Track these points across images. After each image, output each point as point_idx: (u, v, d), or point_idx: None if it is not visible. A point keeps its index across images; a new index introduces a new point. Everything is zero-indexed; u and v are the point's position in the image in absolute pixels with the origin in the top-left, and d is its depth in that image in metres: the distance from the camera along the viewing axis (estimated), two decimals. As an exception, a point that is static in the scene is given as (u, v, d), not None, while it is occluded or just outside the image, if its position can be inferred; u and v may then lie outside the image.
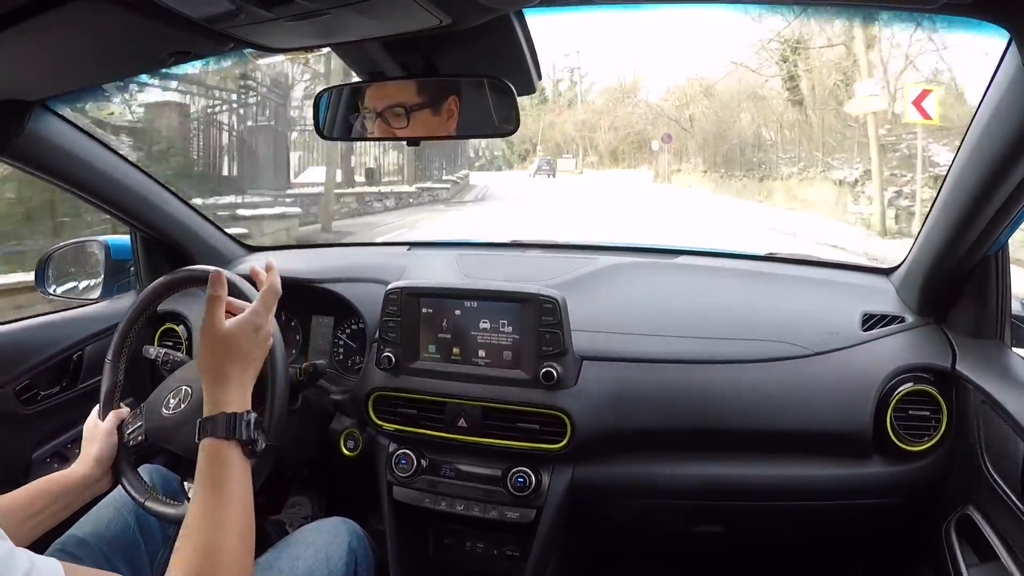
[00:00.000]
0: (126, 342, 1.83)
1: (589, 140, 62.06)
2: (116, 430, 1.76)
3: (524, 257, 2.70)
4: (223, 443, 1.36)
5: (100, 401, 1.80)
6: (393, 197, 25.13)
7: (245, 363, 1.46)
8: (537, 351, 2.00)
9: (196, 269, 1.77)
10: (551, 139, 62.84)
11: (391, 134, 1.75)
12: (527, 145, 63.63)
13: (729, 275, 2.44)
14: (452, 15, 1.33)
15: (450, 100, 1.68)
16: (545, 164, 53.16)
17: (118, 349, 1.82)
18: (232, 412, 1.39)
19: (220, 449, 1.36)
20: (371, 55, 1.63)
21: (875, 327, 2.07)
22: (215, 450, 1.36)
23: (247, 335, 1.47)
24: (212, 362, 1.44)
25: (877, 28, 18.05)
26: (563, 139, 63.17)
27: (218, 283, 1.50)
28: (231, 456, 1.36)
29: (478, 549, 2.27)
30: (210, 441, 1.37)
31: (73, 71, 1.70)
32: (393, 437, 2.17)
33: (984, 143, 1.55)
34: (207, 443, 1.37)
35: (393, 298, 2.12)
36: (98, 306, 2.57)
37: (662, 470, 2.05)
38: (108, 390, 1.81)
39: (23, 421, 2.19)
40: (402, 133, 1.74)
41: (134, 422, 1.79)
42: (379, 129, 1.74)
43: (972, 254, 1.84)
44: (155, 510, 1.70)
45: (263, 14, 1.25)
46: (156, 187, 2.46)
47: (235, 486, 1.35)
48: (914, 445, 1.92)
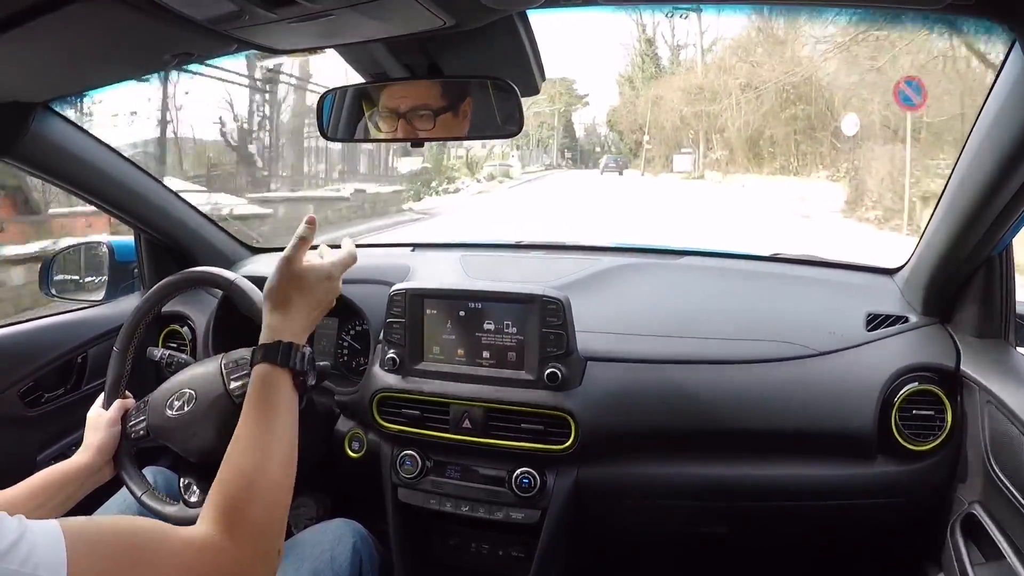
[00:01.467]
0: (136, 332, 1.84)
1: (711, 124, 40.47)
2: (119, 420, 1.78)
3: (528, 258, 2.70)
4: (276, 369, 1.36)
5: (105, 390, 1.82)
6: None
7: (310, 303, 1.48)
8: (541, 352, 2.00)
9: (214, 271, 1.78)
10: (660, 124, 47.85)
11: (413, 135, 1.74)
12: (637, 135, 53.31)
13: (733, 275, 2.44)
14: (456, 16, 1.33)
15: (467, 102, 1.68)
16: (612, 162, 52.11)
17: (127, 339, 1.83)
18: (289, 342, 1.39)
19: (272, 375, 1.36)
20: (375, 56, 1.64)
21: (879, 327, 2.07)
22: (268, 375, 1.36)
23: (319, 279, 1.49)
24: (280, 291, 1.46)
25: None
26: (679, 123, 45.09)
27: (311, 225, 1.51)
28: (282, 384, 1.37)
29: (483, 550, 2.27)
30: (263, 366, 1.37)
31: (76, 73, 1.70)
32: (398, 438, 2.17)
33: (988, 143, 1.55)
34: (260, 368, 1.37)
35: (397, 299, 2.12)
36: (102, 308, 2.57)
37: (667, 470, 2.05)
38: (114, 380, 1.82)
39: (28, 423, 2.19)
40: (425, 135, 1.74)
41: (137, 415, 1.79)
42: (402, 130, 1.74)
43: (976, 254, 1.84)
44: (151, 506, 1.71)
45: (266, 15, 1.25)
46: (160, 189, 2.46)
47: (283, 414, 1.35)
48: (919, 445, 1.92)
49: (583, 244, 2.94)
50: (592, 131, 70.28)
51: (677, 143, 47.07)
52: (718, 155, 41.47)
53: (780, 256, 2.63)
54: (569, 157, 68.55)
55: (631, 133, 56.01)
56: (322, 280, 1.49)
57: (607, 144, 65.55)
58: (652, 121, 49.60)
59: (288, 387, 1.38)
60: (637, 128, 53.38)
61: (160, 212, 2.49)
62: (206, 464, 1.69)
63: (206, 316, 2.50)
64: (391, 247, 2.95)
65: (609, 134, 65.12)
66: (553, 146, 66.79)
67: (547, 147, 66.12)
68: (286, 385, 1.37)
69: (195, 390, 1.74)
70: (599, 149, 65.62)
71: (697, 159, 44.40)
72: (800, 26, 32.68)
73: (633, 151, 56.08)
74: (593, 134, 70.39)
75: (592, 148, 68.15)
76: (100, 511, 1.83)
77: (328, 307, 1.53)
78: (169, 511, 1.69)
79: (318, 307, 1.50)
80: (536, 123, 61.65)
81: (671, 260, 2.56)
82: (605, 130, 66.87)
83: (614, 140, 63.33)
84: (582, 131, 70.78)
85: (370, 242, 3.54)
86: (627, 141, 57.97)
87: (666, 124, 46.97)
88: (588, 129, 70.54)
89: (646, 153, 50.70)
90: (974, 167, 1.62)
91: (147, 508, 1.71)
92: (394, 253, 2.81)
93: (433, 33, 1.40)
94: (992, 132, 1.53)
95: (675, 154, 46.50)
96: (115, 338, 1.84)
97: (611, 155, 56.26)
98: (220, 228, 2.78)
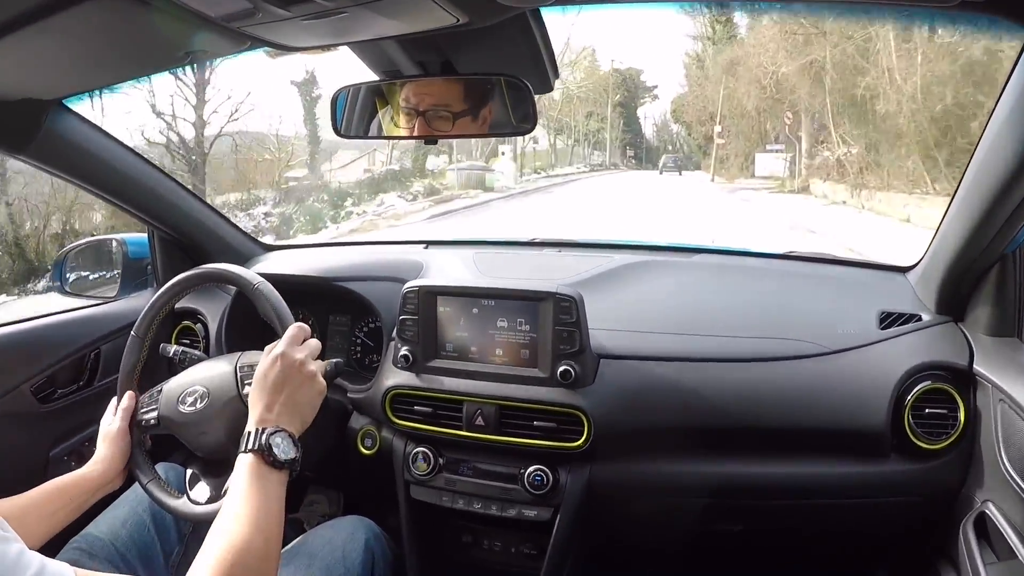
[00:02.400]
0: (155, 320, 1.86)
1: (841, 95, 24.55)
2: (128, 431, 1.79)
3: (541, 255, 2.70)
4: (252, 457, 1.40)
5: (120, 377, 1.84)
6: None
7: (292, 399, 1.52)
8: (555, 349, 2.00)
9: (239, 273, 1.79)
10: (738, 107, 34.27)
11: (428, 133, 1.75)
12: (708, 127, 40.87)
13: (746, 273, 2.44)
14: (469, 14, 1.33)
15: (488, 108, 1.69)
16: (671, 162, 47.09)
17: (146, 326, 1.85)
18: (262, 428, 1.43)
19: (259, 463, 1.40)
20: (388, 54, 1.64)
21: (892, 325, 2.07)
22: (255, 463, 1.39)
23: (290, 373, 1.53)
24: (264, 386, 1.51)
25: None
26: (769, 96, 30.21)
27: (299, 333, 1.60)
28: (258, 468, 1.39)
29: (496, 547, 2.28)
30: (250, 456, 1.40)
31: (90, 70, 1.70)
32: (410, 435, 2.17)
33: (1002, 140, 1.54)
34: (247, 457, 1.40)
35: (411, 297, 2.12)
36: (115, 304, 2.58)
37: (680, 468, 2.05)
38: (130, 366, 1.84)
39: (40, 419, 2.20)
40: (441, 135, 1.75)
41: (149, 404, 1.82)
42: (419, 128, 1.75)
43: (990, 252, 1.84)
44: (156, 495, 1.74)
45: (280, 13, 1.25)
46: (173, 186, 2.47)
47: (272, 500, 1.38)
48: (931, 443, 1.91)
49: (596, 241, 2.95)
50: (663, 127, 63.48)
51: (762, 136, 33.57)
52: (839, 154, 24.85)
53: (793, 254, 2.63)
54: (632, 156, 61.86)
55: (699, 125, 44.69)
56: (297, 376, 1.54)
57: (677, 141, 59.08)
58: (727, 101, 36.40)
59: (275, 473, 1.41)
60: (707, 118, 41.74)
61: (173, 209, 2.50)
62: (213, 460, 1.75)
63: (219, 313, 2.50)
64: (404, 244, 2.96)
65: (679, 129, 57.45)
66: (608, 143, 58.18)
67: (596, 142, 57.67)
68: (273, 472, 1.41)
69: (209, 389, 1.76)
70: (670, 148, 58.59)
71: (796, 158, 29.64)
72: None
73: (703, 147, 46.00)
74: (664, 130, 63.52)
75: (663, 145, 60.93)
76: (109, 510, 1.84)
77: (316, 399, 1.59)
78: (173, 503, 1.72)
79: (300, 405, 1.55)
80: (583, 113, 53.11)
81: (684, 258, 2.56)
82: (678, 126, 58.81)
83: (682, 135, 56.35)
84: (651, 128, 64.20)
85: (383, 239, 3.54)
86: (695, 135, 47.89)
87: (747, 105, 32.69)
88: (659, 126, 63.94)
89: (717, 150, 38.81)
90: (988, 164, 1.61)
91: (152, 497, 1.75)
92: (407, 250, 2.80)
93: (446, 31, 1.41)
94: (1006, 129, 1.52)
95: (758, 151, 33.38)
96: (127, 334, 1.85)
97: (669, 154, 51.25)
98: (233, 225, 2.78)
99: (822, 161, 26.95)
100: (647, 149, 62.37)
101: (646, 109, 63.44)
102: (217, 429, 1.74)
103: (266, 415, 1.46)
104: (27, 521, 1.52)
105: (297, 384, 1.53)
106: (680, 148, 55.41)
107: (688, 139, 52.37)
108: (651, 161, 56.92)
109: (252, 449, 1.40)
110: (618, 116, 59.44)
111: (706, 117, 42.14)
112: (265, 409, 1.46)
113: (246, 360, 1.79)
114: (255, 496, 1.35)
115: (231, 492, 1.36)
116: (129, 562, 1.75)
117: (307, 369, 1.55)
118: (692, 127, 47.60)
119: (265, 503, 1.35)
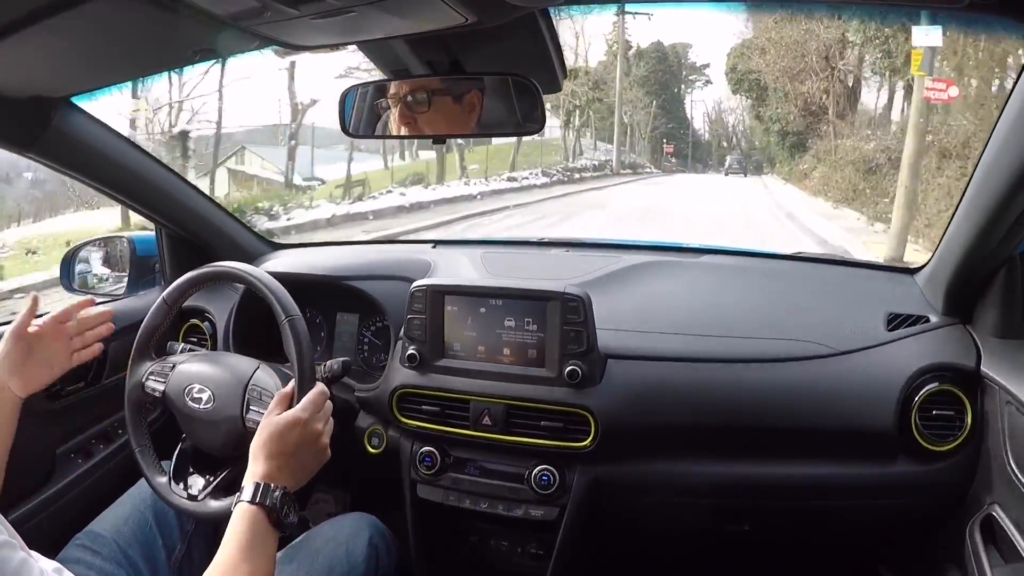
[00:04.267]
0: (189, 291, 1.88)
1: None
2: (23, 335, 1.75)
3: (548, 255, 2.71)
4: (258, 510, 1.39)
5: (139, 336, 1.87)
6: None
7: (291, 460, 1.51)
8: (562, 349, 2.00)
9: (256, 276, 1.78)
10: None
11: (412, 121, 1.75)
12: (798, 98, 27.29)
13: (754, 274, 2.44)
14: (478, 13, 1.33)
15: (472, 92, 1.68)
16: (736, 164, 41.03)
17: (179, 294, 1.87)
18: (268, 483, 1.42)
19: (254, 516, 1.38)
20: (397, 53, 1.64)
21: (900, 327, 2.07)
22: (260, 519, 1.38)
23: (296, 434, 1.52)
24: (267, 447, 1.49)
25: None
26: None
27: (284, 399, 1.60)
28: (262, 525, 1.38)
29: (502, 547, 2.28)
30: (256, 510, 1.39)
31: (98, 68, 1.71)
32: (417, 435, 2.17)
33: (1011, 142, 1.54)
34: (254, 510, 1.39)
35: (419, 296, 2.12)
36: (123, 302, 2.57)
37: (687, 468, 2.05)
38: (151, 329, 1.88)
39: (48, 416, 2.20)
40: (424, 120, 1.75)
41: (160, 375, 1.85)
42: (401, 117, 1.75)
43: (998, 254, 1.83)
44: (143, 466, 1.80)
45: (289, 12, 1.25)
46: (181, 183, 2.47)
47: (271, 561, 1.39)
48: (939, 445, 1.91)
49: (604, 241, 2.96)
50: (719, 121, 52.13)
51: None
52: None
53: (801, 255, 2.64)
54: (670, 153, 47.90)
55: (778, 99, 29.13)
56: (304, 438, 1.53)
57: (735, 137, 48.70)
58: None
59: (269, 528, 1.40)
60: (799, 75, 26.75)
61: (181, 207, 2.50)
62: (202, 454, 1.81)
63: (226, 311, 2.51)
64: (412, 243, 2.96)
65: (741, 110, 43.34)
66: (640, 135, 45.11)
67: (630, 133, 42.77)
68: (267, 526, 1.39)
69: (215, 396, 1.78)
70: (724, 144, 49.73)
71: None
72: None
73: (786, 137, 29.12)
74: (719, 124, 52.22)
75: (717, 141, 50.80)
76: (113, 507, 1.87)
77: (319, 463, 1.59)
78: (186, 504, 1.74)
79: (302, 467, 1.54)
80: (586, 85, 36.15)
81: (691, 258, 2.56)
82: (735, 117, 48.04)
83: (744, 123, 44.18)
84: (704, 120, 52.14)
85: (391, 238, 3.55)
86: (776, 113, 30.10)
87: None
88: (713, 118, 52.12)
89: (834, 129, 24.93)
90: (996, 165, 1.61)
91: (139, 467, 1.81)
92: (415, 249, 2.81)
93: (455, 30, 1.41)
94: (1015, 131, 1.52)
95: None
96: (135, 333, 1.87)
97: (734, 154, 43.87)
98: (241, 223, 2.79)
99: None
100: (694, 144, 51.17)
101: (698, 97, 53.68)
102: (213, 436, 1.78)
103: (276, 474, 1.45)
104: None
105: (310, 453, 1.54)
106: (739, 143, 46.73)
107: (757, 127, 36.33)
108: (701, 161, 48.65)
109: (261, 504, 1.39)
110: (646, 95, 45.49)
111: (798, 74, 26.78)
112: (276, 469, 1.45)
113: (258, 381, 1.79)
114: (258, 554, 1.35)
115: (231, 542, 1.35)
116: (132, 559, 1.76)
117: (322, 441, 1.56)
118: (769, 99, 30.44)
119: (266, 565, 1.36)
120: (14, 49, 1.41)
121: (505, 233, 16.57)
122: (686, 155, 49.92)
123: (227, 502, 1.65)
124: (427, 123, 1.76)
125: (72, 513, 2.00)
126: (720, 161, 44.60)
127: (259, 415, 1.67)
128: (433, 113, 1.73)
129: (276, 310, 1.70)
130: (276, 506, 1.38)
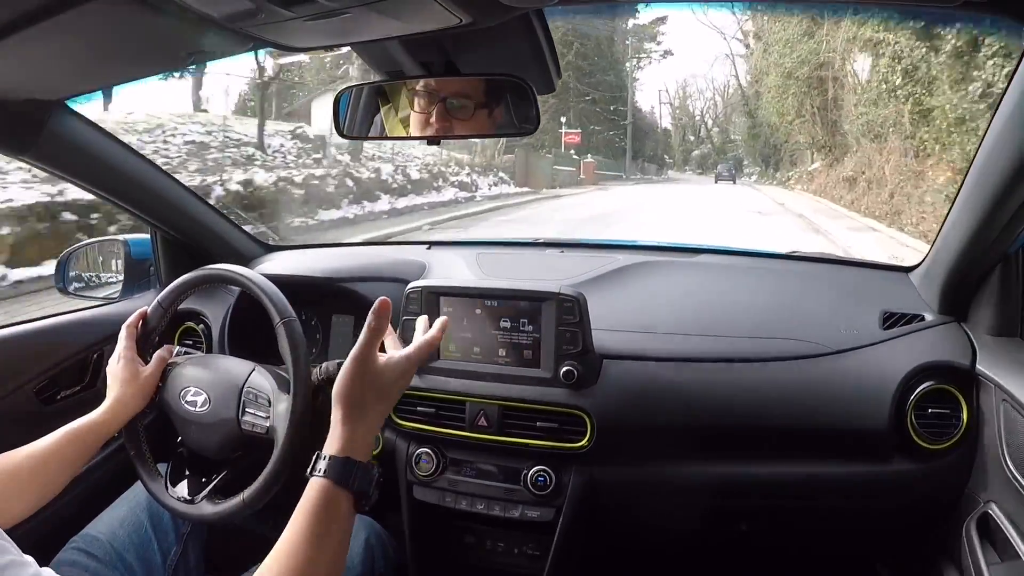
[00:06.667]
0: (184, 294, 1.89)
1: None
2: (158, 377, 1.82)
3: (544, 256, 2.71)
4: (340, 491, 1.26)
5: (136, 340, 1.87)
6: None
7: (385, 406, 1.38)
8: (558, 350, 2.00)
9: (259, 283, 1.78)
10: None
11: (446, 122, 1.72)
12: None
13: (749, 273, 2.45)
14: (472, 14, 1.33)
15: (501, 107, 1.68)
16: (726, 171, 42.77)
17: (173, 297, 1.88)
18: (357, 461, 1.29)
19: (335, 495, 1.26)
20: (391, 54, 1.64)
21: (895, 326, 2.07)
22: (329, 493, 1.26)
23: (396, 378, 1.39)
24: (354, 395, 1.33)
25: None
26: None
27: (382, 314, 1.38)
28: (342, 504, 1.27)
29: (498, 548, 2.27)
30: (326, 482, 1.26)
31: (93, 71, 1.71)
32: (413, 436, 2.17)
33: (1005, 140, 1.54)
34: (323, 484, 1.26)
35: (414, 297, 2.12)
36: (118, 306, 2.58)
37: (683, 469, 2.06)
38: (147, 331, 1.89)
39: (43, 420, 2.19)
40: (460, 129, 1.74)
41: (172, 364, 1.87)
42: (437, 115, 1.71)
43: (993, 252, 1.84)
44: (139, 468, 1.81)
45: (283, 13, 1.25)
46: (175, 186, 2.47)
47: (335, 534, 1.25)
48: (934, 444, 1.91)
49: (599, 242, 2.96)
50: (682, 108, 48.80)
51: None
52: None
53: (796, 254, 2.64)
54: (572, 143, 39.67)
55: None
56: (398, 380, 1.39)
57: (705, 128, 48.02)
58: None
59: (347, 508, 1.28)
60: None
61: (176, 209, 2.50)
62: (196, 457, 1.81)
63: (222, 314, 2.51)
64: (407, 245, 2.96)
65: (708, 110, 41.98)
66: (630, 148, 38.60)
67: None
68: (346, 505, 1.27)
69: (211, 399, 1.77)
70: (691, 137, 48.91)
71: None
72: None
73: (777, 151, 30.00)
74: (683, 111, 48.91)
75: (682, 134, 48.52)
76: (109, 510, 1.87)
77: (395, 401, 1.43)
78: (182, 507, 1.73)
79: (391, 405, 1.42)
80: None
81: (687, 258, 2.57)
82: (704, 102, 45.82)
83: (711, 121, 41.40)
84: (659, 105, 46.39)
85: (385, 240, 3.56)
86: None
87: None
88: (676, 104, 47.49)
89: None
90: (991, 164, 1.61)
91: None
92: (410, 251, 2.80)
93: (450, 31, 1.41)
94: (1008, 129, 1.52)
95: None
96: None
97: (725, 161, 44.75)
98: (235, 225, 2.78)
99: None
100: (639, 135, 41.86)
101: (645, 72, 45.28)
102: (208, 438, 1.77)
103: (355, 435, 1.32)
104: (49, 468, 1.58)
105: (391, 389, 1.39)
106: (709, 138, 44.08)
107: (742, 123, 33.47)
108: (655, 160, 42.91)
109: (343, 484, 1.27)
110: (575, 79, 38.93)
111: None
112: (352, 430, 1.32)
113: (253, 384, 1.78)
114: (326, 533, 1.23)
115: (297, 520, 1.24)
116: (127, 562, 1.76)
117: (401, 368, 1.41)
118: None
119: (336, 541, 1.25)
120: (8, 52, 1.41)
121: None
122: (621, 150, 41.73)
123: (223, 505, 1.65)
124: (425, 124, 1.75)
125: (67, 516, 1.99)
126: (685, 160, 43.12)
127: (255, 417, 1.67)
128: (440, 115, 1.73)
129: (271, 312, 1.70)
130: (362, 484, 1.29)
